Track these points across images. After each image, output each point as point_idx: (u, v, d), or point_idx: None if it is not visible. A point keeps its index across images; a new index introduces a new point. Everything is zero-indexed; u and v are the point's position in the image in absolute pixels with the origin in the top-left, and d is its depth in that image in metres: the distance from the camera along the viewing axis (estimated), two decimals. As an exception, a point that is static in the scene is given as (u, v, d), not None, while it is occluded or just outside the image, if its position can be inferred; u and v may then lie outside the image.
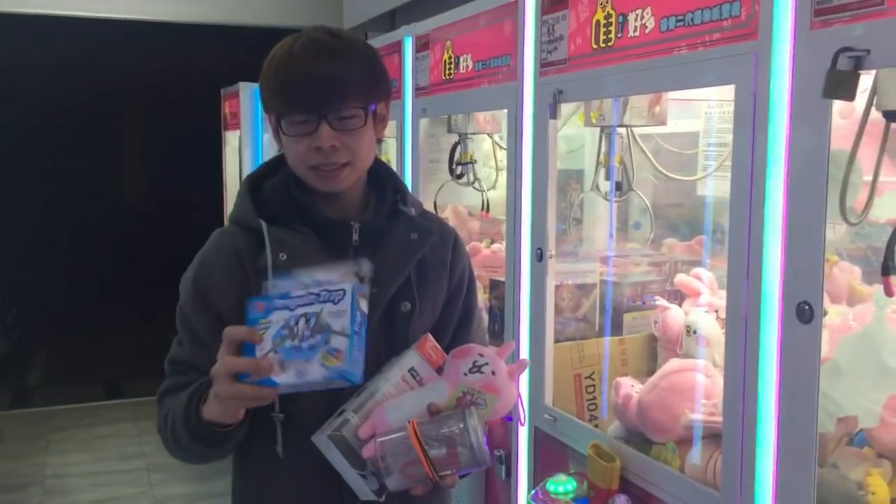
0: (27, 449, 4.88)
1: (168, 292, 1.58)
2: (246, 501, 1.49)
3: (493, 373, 1.31)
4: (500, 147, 2.89)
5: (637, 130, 2.17)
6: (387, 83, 1.44)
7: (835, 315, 1.66)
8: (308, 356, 1.21)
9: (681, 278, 2.08)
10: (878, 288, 1.39)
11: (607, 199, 2.25)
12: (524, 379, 2.12)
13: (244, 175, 1.53)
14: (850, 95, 1.19)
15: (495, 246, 2.92)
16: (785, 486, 1.36)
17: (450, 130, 2.88)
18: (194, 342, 1.39)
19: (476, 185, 2.94)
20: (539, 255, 2.07)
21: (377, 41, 3.06)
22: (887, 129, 1.35)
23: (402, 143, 2.90)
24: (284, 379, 1.21)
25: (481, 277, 2.65)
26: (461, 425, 1.25)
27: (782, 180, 1.34)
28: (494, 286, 2.44)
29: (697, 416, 1.71)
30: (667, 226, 2.50)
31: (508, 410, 1.38)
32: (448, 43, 2.55)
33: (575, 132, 2.53)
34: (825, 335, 1.34)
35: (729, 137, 2.06)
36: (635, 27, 1.69)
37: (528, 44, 2.09)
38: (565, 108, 2.05)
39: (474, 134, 2.86)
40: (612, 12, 1.76)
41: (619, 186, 2.15)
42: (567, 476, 1.84)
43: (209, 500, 4.17)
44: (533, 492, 1.89)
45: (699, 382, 1.77)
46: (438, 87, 2.63)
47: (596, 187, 2.26)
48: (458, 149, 2.87)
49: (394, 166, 2.96)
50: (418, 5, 4.38)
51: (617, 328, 2.21)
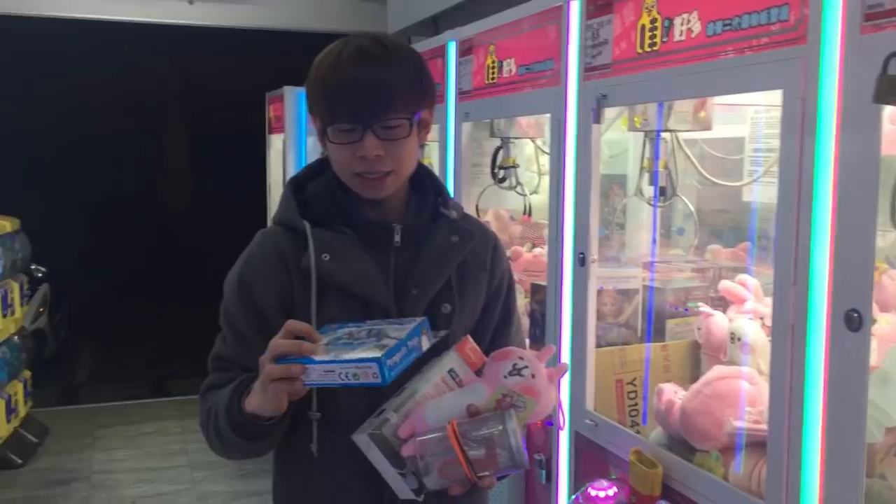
0: (74, 445, 4.98)
1: (212, 293, 1.60)
2: (286, 500, 1.51)
3: (533, 376, 1.31)
4: (543, 151, 2.89)
5: (681, 135, 2.15)
6: (432, 90, 1.45)
7: (884, 324, 1.64)
8: (353, 347, 1.24)
9: (726, 285, 2.06)
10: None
11: (651, 204, 2.23)
12: (565, 383, 2.12)
13: (288, 178, 1.55)
14: (901, 100, 1.18)
15: (537, 250, 2.91)
16: (831, 497, 1.34)
17: (492, 135, 2.88)
18: (237, 340, 1.41)
19: (518, 189, 2.94)
20: (581, 260, 2.06)
21: (421, 46, 3.08)
22: (939, 134, 1.33)
23: (445, 147, 2.91)
24: (320, 358, 1.23)
25: (523, 282, 2.65)
26: (500, 427, 1.25)
27: (831, 186, 1.32)
28: (536, 290, 2.43)
29: (742, 424, 1.69)
30: (711, 232, 2.48)
31: (548, 413, 1.37)
32: (491, 47, 2.55)
33: (617, 137, 2.52)
34: (873, 343, 1.32)
35: (775, 143, 2.03)
36: (681, 31, 1.68)
37: (573, 48, 2.09)
38: (608, 113, 2.05)
39: (517, 138, 2.86)
40: (657, 17, 1.75)
41: (662, 191, 2.13)
42: (608, 482, 1.84)
43: (250, 498, 4.22)
44: (574, 497, 1.89)
45: (744, 389, 1.75)
46: (481, 92, 2.64)
47: (640, 192, 2.24)
48: (501, 153, 2.88)
49: (436, 170, 2.97)
50: (461, 10, 4.39)
51: (659, 334, 2.19)
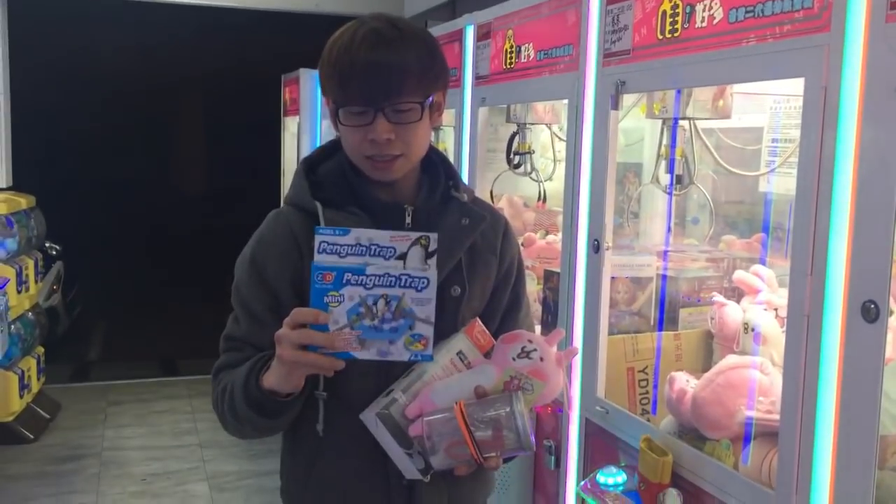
0: (85, 421, 5.02)
1: (225, 273, 1.61)
2: (293, 478, 1.52)
3: (542, 359, 1.31)
4: (559, 138, 2.88)
5: (699, 124, 2.14)
6: (445, 74, 1.45)
7: (900, 316, 1.63)
8: (392, 338, 1.25)
9: (740, 275, 2.05)
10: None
11: (667, 192, 2.22)
12: (576, 370, 2.12)
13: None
14: (925, 90, 1.17)
15: (550, 237, 2.91)
16: (842, 488, 1.33)
17: (508, 120, 2.87)
18: (250, 320, 1.42)
19: (533, 175, 2.93)
20: (596, 247, 2.06)
21: (438, 30, 3.07)
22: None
23: (461, 131, 2.90)
24: (364, 355, 1.25)
25: (535, 268, 2.64)
26: (507, 409, 1.26)
27: (851, 176, 1.31)
28: (549, 277, 2.43)
29: (753, 414, 1.69)
30: (725, 222, 2.47)
31: (555, 397, 1.38)
32: (510, 32, 2.54)
33: (633, 125, 2.50)
34: (889, 336, 1.31)
35: (794, 133, 2.02)
36: (703, 17, 1.67)
37: (592, 34, 2.07)
38: (627, 100, 2.04)
39: (533, 124, 2.85)
40: (678, 3, 1.74)
41: (679, 179, 2.12)
42: (617, 468, 1.84)
43: (259, 477, 4.25)
44: (582, 483, 1.89)
45: (756, 379, 1.75)
46: (498, 77, 2.63)
47: (656, 180, 2.23)
48: (517, 139, 2.87)
49: (451, 155, 2.97)
50: (479, -6, 4.36)
51: (672, 323, 2.19)
